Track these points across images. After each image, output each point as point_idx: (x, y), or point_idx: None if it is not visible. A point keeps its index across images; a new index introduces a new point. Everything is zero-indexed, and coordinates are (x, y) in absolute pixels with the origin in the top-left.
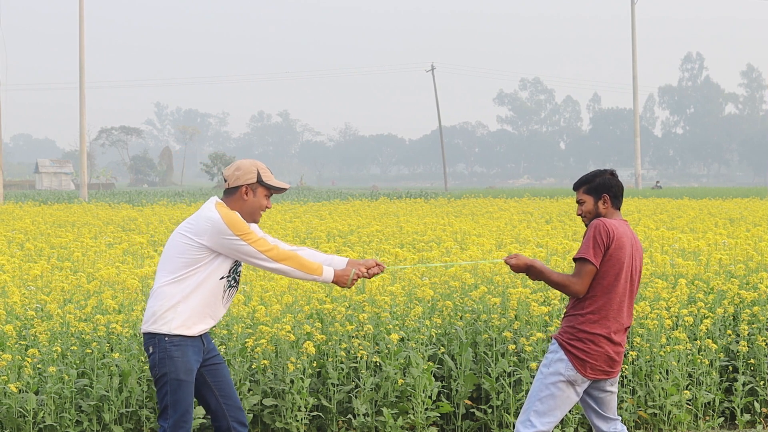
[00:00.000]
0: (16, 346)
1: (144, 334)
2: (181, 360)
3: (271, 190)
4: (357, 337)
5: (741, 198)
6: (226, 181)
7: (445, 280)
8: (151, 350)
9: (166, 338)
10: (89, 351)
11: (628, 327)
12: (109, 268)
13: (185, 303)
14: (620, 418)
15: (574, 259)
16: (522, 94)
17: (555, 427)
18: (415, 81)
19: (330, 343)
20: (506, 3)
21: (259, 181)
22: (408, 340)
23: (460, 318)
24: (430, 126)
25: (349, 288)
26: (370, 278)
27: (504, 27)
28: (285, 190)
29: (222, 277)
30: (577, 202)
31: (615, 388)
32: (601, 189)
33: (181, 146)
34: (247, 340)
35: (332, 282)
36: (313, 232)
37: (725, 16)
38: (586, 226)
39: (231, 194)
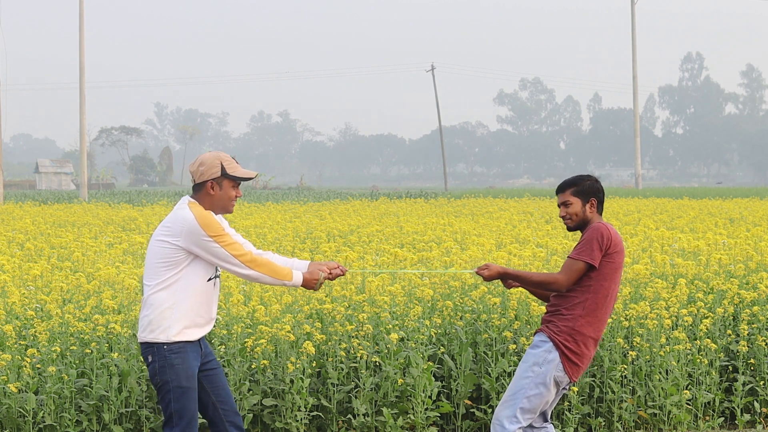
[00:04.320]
0: (16, 346)
1: (141, 343)
2: (182, 367)
3: (237, 180)
4: (357, 337)
5: (741, 198)
6: (192, 177)
7: (445, 280)
8: (150, 359)
9: (165, 346)
10: (89, 351)
11: None
12: (109, 268)
13: (179, 308)
14: (552, 425)
15: (571, 257)
16: (522, 94)
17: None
18: (415, 81)
19: (330, 343)
20: (506, 3)
21: (224, 174)
22: (408, 340)
23: (460, 318)
24: (430, 126)
25: (316, 291)
26: (333, 280)
27: (504, 27)
28: (252, 178)
29: (210, 279)
30: (563, 203)
31: (566, 390)
32: (589, 193)
33: (181, 146)
34: (246, 340)
35: (300, 285)
36: (313, 232)
37: (725, 16)
38: (569, 229)
39: (198, 190)
